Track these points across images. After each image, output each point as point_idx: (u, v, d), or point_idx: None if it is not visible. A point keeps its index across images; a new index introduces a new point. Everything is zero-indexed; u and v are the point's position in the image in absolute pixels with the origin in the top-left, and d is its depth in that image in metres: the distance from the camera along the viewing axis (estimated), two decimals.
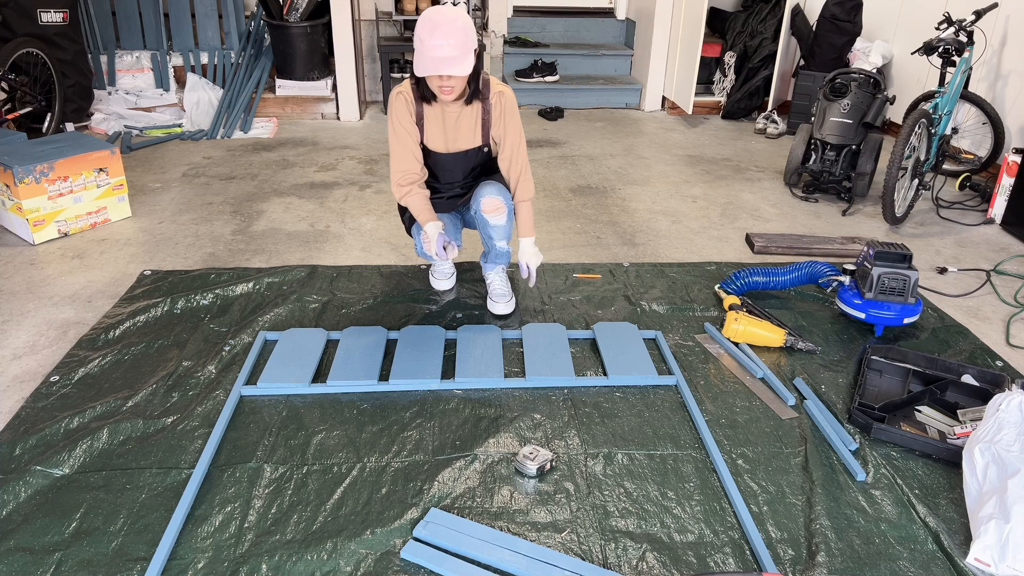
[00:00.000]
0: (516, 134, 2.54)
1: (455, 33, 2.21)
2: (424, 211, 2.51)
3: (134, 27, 5.18)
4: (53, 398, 2.21)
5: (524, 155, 2.58)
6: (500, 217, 2.57)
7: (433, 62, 2.23)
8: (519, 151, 2.56)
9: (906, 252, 2.65)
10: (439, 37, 2.20)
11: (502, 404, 2.27)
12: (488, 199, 2.54)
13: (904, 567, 1.75)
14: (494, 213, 2.56)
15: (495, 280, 2.80)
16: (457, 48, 2.22)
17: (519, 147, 2.56)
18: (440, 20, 2.22)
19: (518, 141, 2.55)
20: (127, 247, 3.24)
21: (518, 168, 2.58)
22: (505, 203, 2.57)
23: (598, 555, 1.75)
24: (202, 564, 1.68)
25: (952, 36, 3.73)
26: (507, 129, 2.52)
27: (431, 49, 2.22)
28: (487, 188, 2.56)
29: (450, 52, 2.22)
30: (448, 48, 2.21)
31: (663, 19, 5.48)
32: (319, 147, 4.69)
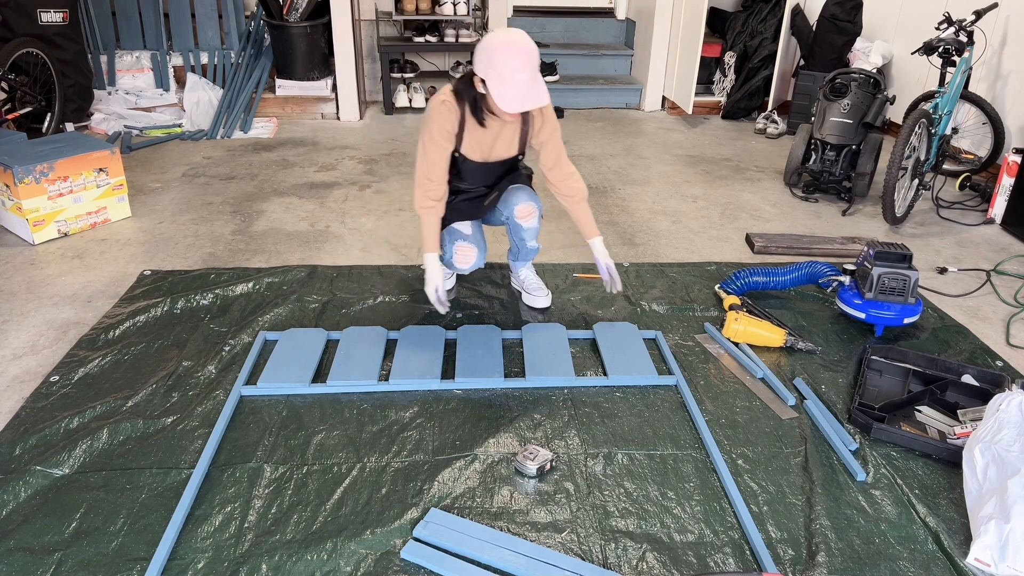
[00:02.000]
0: (558, 139, 2.52)
1: (533, 61, 2.17)
2: (433, 236, 2.49)
3: (134, 27, 5.18)
4: (53, 398, 2.21)
5: (567, 159, 2.55)
6: (533, 220, 2.60)
7: (521, 98, 2.18)
8: (563, 155, 2.54)
9: (906, 252, 2.65)
10: (522, 70, 2.15)
11: (502, 404, 2.27)
12: (522, 206, 2.55)
13: (904, 567, 1.75)
14: (527, 218, 2.58)
15: (529, 275, 2.82)
16: (535, 75, 2.19)
17: (563, 153, 2.54)
18: (519, 48, 2.15)
19: (559, 141, 2.52)
20: (127, 247, 3.24)
21: (567, 171, 2.54)
22: (536, 207, 2.59)
23: (598, 555, 1.75)
24: (202, 564, 1.68)
25: (952, 36, 3.73)
26: (551, 140, 2.51)
27: (517, 84, 2.16)
28: (518, 194, 2.55)
29: (534, 85, 2.18)
30: (531, 80, 2.17)
31: (663, 19, 5.48)
32: (319, 147, 4.69)
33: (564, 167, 2.54)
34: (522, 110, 2.21)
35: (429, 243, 2.48)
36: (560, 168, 2.54)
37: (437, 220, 2.49)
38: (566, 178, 2.55)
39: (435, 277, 2.47)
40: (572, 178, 2.56)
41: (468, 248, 2.55)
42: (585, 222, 2.60)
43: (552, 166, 2.54)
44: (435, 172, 2.42)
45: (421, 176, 2.44)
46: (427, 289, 2.49)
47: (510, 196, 2.56)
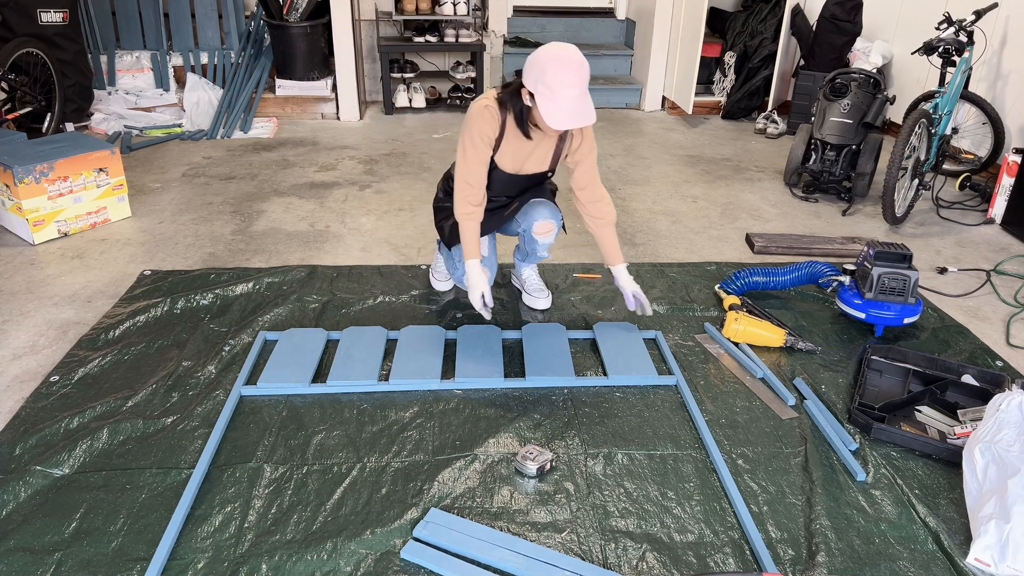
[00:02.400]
0: (594, 160, 2.48)
1: (584, 78, 2.13)
2: (473, 242, 2.41)
3: (134, 27, 5.18)
4: (53, 398, 2.21)
5: (599, 180, 2.51)
6: (550, 237, 2.61)
7: (570, 115, 2.13)
8: (596, 177, 2.49)
9: (906, 252, 2.65)
10: (573, 86, 2.10)
11: (502, 404, 2.27)
12: (541, 223, 2.55)
13: (904, 567, 1.75)
14: (545, 235, 2.58)
15: (531, 276, 2.82)
16: (585, 93, 2.15)
17: (596, 174, 2.50)
18: (571, 64, 2.11)
19: (594, 163, 2.48)
20: (127, 247, 3.24)
21: (598, 193, 2.50)
22: (556, 224, 2.59)
23: (598, 555, 1.75)
24: (202, 564, 1.68)
25: (952, 36, 3.73)
26: (587, 159, 2.46)
27: (567, 100, 2.11)
28: (540, 209, 2.55)
29: (583, 102, 2.14)
30: (580, 97, 2.13)
31: (663, 19, 5.48)
32: (319, 147, 4.69)
33: (596, 189, 2.50)
34: (570, 127, 2.16)
35: (471, 249, 2.42)
36: (592, 190, 2.49)
37: (477, 226, 2.42)
38: (597, 200, 2.50)
39: (479, 284, 2.42)
40: (602, 201, 2.51)
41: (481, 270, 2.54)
42: (610, 247, 2.55)
43: (584, 186, 2.49)
44: (474, 176, 2.37)
45: (461, 180, 2.38)
46: (472, 297, 2.43)
47: (531, 210, 2.56)
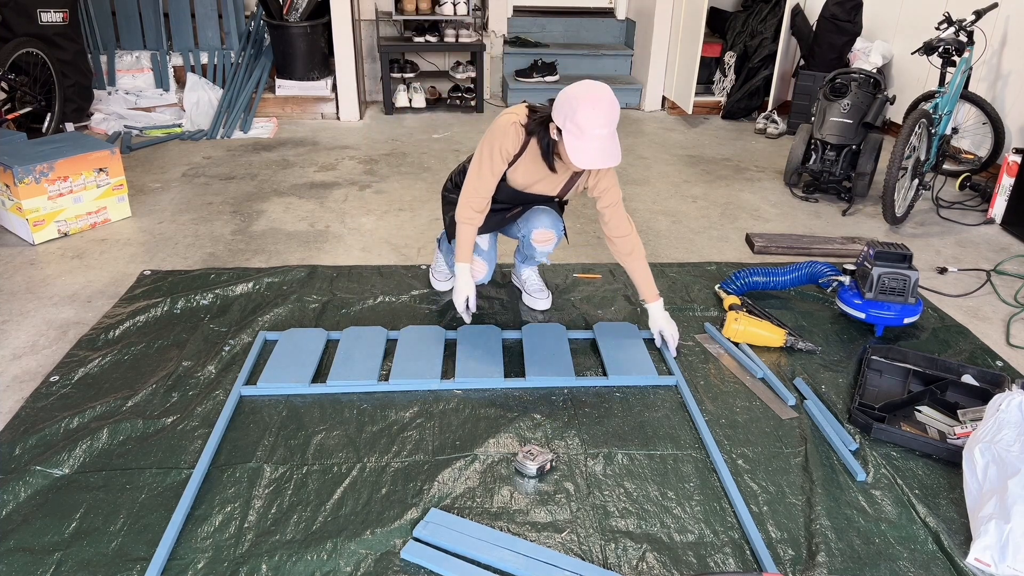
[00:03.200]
0: (616, 198, 2.42)
1: (613, 118, 2.09)
2: (468, 246, 2.44)
3: (134, 27, 5.18)
4: (53, 398, 2.21)
5: (626, 215, 2.45)
6: (548, 246, 2.60)
7: (597, 154, 2.10)
8: (619, 212, 2.43)
9: (906, 252, 2.65)
10: (602, 126, 2.07)
11: (502, 404, 2.27)
12: (541, 231, 2.55)
13: (904, 567, 1.75)
14: (544, 244, 2.58)
15: (531, 276, 2.82)
16: (613, 133, 2.11)
17: (619, 208, 2.43)
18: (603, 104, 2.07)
19: (619, 200, 2.43)
20: (127, 247, 3.24)
21: (621, 229, 2.44)
22: (556, 235, 2.58)
23: (598, 555, 1.75)
24: (202, 564, 1.68)
25: (952, 36, 3.73)
26: (607, 194, 2.41)
27: (594, 139, 2.09)
28: (541, 217, 2.55)
29: (611, 142, 2.11)
30: (608, 137, 2.10)
31: (663, 19, 5.48)
32: (319, 147, 4.69)
33: (621, 225, 2.44)
34: (596, 167, 2.12)
35: (464, 253, 2.45)
36: (617, 225, 2.44)
37: (475, 231, 2.44)
38: (623, 235, 2.45)
39: (466, 287, 2.45)
40: (629, 237, 2.45)
41: (480, 263, 2.56)
42: (643, 282, 2.50)
43: (608, 220, 2.44)
44: (484, 186, 2.37)
45: (470, 186, 2.39)
46: (456, 298, 2.46)
47: (532, 216, 2.56)
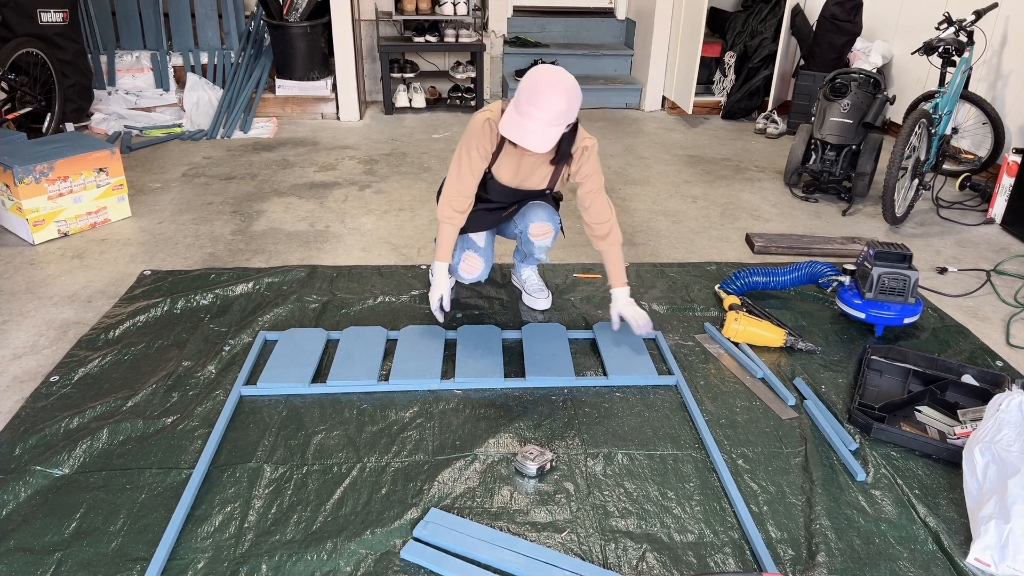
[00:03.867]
0: (597, 185, 2.44)
1: (554, 106, 2.10)
2: (448, 246, 2.47)
3: (134, 27, 5.18)
4: (53, 398, 2.21)
5: (606, 202, 2.46)
6: (547, 240, 2.58)
7: (520, 129, 2.13)
8: (599, 198, 2.44)
9: (906, 252, 2.65)
10: (536, 106, 2.09)
11: (502, 404, 2.27)
12: (537, 224, 2.54)
13: (904, 567, 1.75)
14: (541, 237, 2.57)
15: (531, 276, 2.81)
16: (549, 123, 2.12)
17: (599, 195, 2.44)
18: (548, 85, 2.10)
19: (599, 190, 2.44)
20: (127, 247, 3.24)
21: (601, 216, 2.45)
22: (553, 227, 2.57)
23: (598, 555, 1.75)
24: (202, 564, 1.68)
25: (952, 36, 3.73)
26: (588, 181, 2.42)
27: (527, 116, 2.12)
28: (537, 211, 2.54)
29: (539, 127, 2.12)
30: (538, 122, 2.11)
31: (663, 19, 5.48)
32: (319, 147, 4.69)
33: (600, 211, 2.45)
34: (514, 139, 2.15)
35: (443, 252, 2.47)
36: (595, 210, 2.45)
37: (456, 231, 2.47)
38: (601, 222, 2.46)
39: (442, 286, 2.48)
40: (607, 223, 2.46)
41: (476, 259, 2.56)
42: (613, 268, 2.50)
43: (587, 207, 2.46)
44: (464, 185, 2.40)
45: (450, 186, 2.42)
46: (432, 296, 2.49)
47: (528, 212, 2.56)
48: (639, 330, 2.49)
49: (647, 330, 2.50)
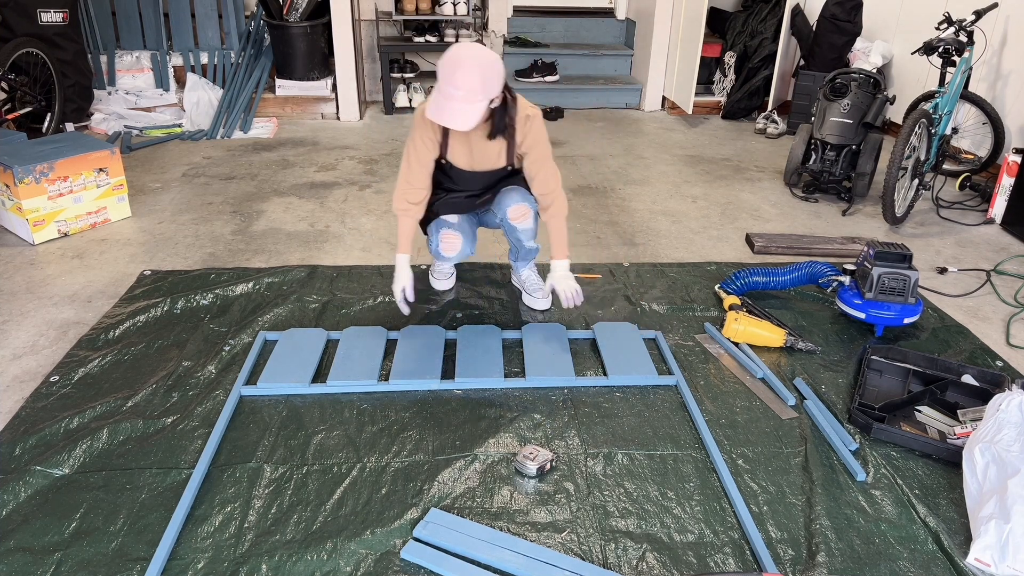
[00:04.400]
0: (542, 155, 2.45)
1: (468, 81, 2.12)
2: (406, 238, 2.52)
3: (134, 27, 5.18)
4: (53, 398, 2.21)
5: (552, 172, 2.47)
6: (527, 221, 2.58)
7: (440, 109, 2.17)
8: (544, 169, 2.46)
9: (906, 252, 2.65)
10: (451, 84, 2.12)
11: (502, 404, 2.27)
12: (514, 207, 2.53)
13: (904, 567, 1.75)
14: (521, 219, 2.56)
15: (530, 276, 2.82)
16: (467, 100, 2.15)
17: (544, 165, 2.45)
18: (459, 62, 2.13)
19: (543, 159, 2.45)
20: (127, 247, 3.24)
21: (545, 186, 2.47)
22: (530, 207, 2.56)
23: (598, 555, 1.75)
24: (202, 564, 1.68)
25: (952, 36, 3.73)
26: (533, 151, 2.44)
27: (445, 95, 2.15)
28: (511, 195, 2.54)
29: (458, 104, 2.15)
30: (457, 99, 2.14)
31: (663, 19, 5.48)
32: (319, 147, 4.69)
33: (545, 181, 2.47)
34: (437, 121, 2.18)
35: (402, 244, 2.52)
36: (540, 181, 2.47)
37: (413, 223, 2.52)
38: (545, 192, 2.48)
39: (402, 278, 2.51)
40: (552, 194, 2.48)
41: (453, 235, 2.58)
42: (556, 240, 2.52)
43: (533, 177, 2.48)
44: (416, 177, 2.46)
45: (402, 179, 2.48)
46: (394, 287, 2.52)
47: (503, 197, 2.55)
48: (567, 303, 2.52)
49: (574, 303, 2.52)
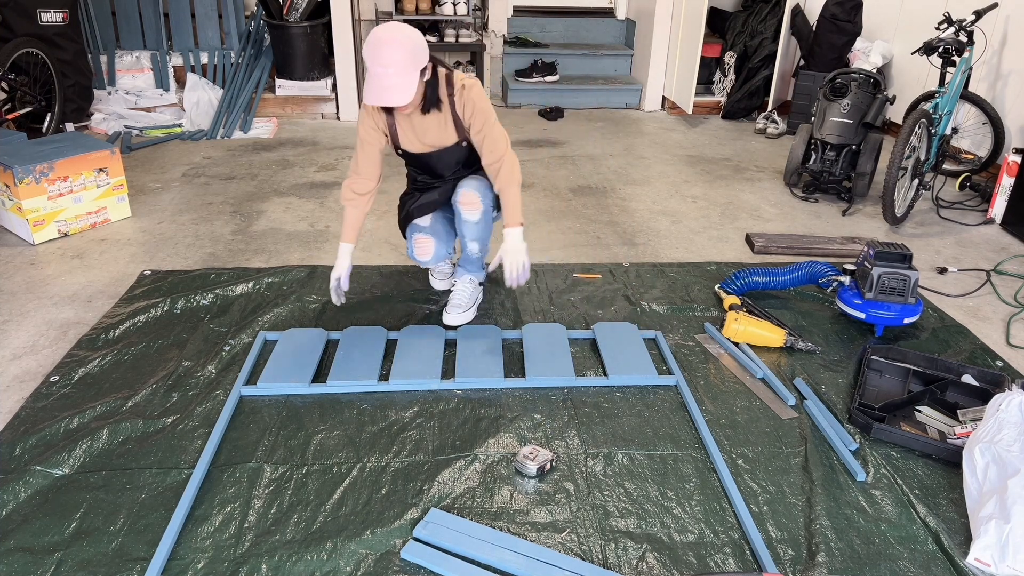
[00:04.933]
0: (485, 122, 2.40)
1: (394, 58, 2.13)
2: (350, 227, 2.53)
3: (134, 27, 5.18)
4: (53, 398, 2.21)
5: (497, 137, 2.41)
6: (474, 213, 2.51)
7: (376, 91, 2.17)
8: (489, 135, 2.40)
9: (906, 252, 2.65)
10: (380, 64, 2.14)
11: (502, 404, 2.27)
12: (465, 191, 2.50)
13: (904, 567, 1.75)
14: (469, 207, 2.51)
15: (458, 286, 2.70)
16: (399, 74, 2.15)
17: (489, 132, 2.40)
18: (377, 43, 2.14)
19: (488, 126, 2.40)
20: (127, 247, 3.24)
21: (493, 154, 2.41)
22: (482, 200, 2.50)
23: (598, 555, 1.75)
24: (202, 564, 1.68)
25: (952, 36, 3.73)
26: (475, 119, 2.40)
27: (376, 76, 2.15)
28: (467, 183, 2.53)
29: (391, 80, 2.15)
30: (389, 76, 2.15)
31: (663, 19, 5.48)
32: (319, 147, 4.69)
33: (492, 149, 2.41)
34: (376, 104, 2.18)
35: (345, 233, 2.54)
36: (487, 150, 2.42)
37: (359, 214, 2.53)
38: (493, 161, 2.42)
39: (339, 268, 2.53)
40: (500, 162, 2.41)
41: (424, 239, 2.58)
42: (508, 208, 2.43)
43: (480, 148, 2.44)
44: (363, 167, 2.50)
45: (351, 170, 2.53)
46: (331, 276, 2.54)
47: (459, 186, 2.54)
48: (510, 280, 2.40)
49: (519, 281, 2.40)
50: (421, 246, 2.59)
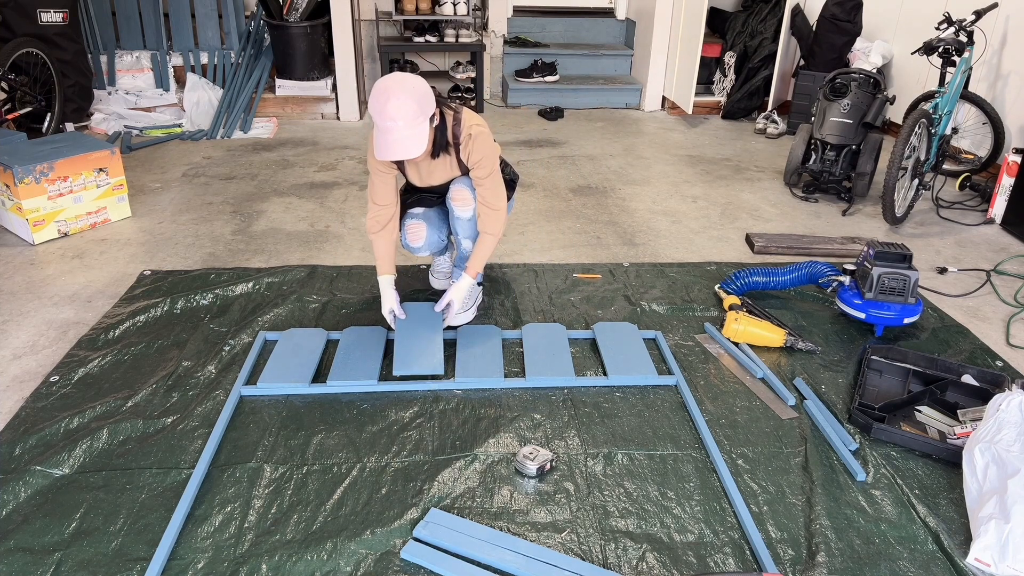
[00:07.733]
0: (487, 173, 2.42)
1: (402, 111, 2.11)
2: (384, 259, 2.52)
3: (134, 27, 5.18)
4: (53, 398, 2.21)
5: (492, 189, 2.43)
6: (466, 210, 2.53)
7: (386, 146, 2.15)
8: (483, 184, 2.42)
9: (906, 252, 2.65)
10: (388, 118, 2.11)
11: (502, 404, 2.27)
12: (457, 188, 2.51)
13: (904, 567, 1.75)
14: (461, 203, 2.52)
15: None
16: (408, 126, 2.14)
17: (485, 182, 2.42)
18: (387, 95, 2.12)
19: (489, 178, 2.42)
20: (127, 247, 3.24)
21: (483, 200, 2.44)
22: (473, 197, 2.51)
23: (598, 555, 1.75)
24: (202, 564, 1.68)
25: (952, 36, 3.73)
26: (477, 168, 2.41)
27: (385, 131, 2.14)
28: (461, 179, 2.54)
29: (401, 133, 2.14)
30: (399, 129, 2.13)
31: (663, 19, 5.48)
32: (319, 147, 4.69)
33: (484, 196, 2.44)
34: (387, 158, 2.17)
35: (381, 266, 2.53)
36: (481, 194, 2.44)
37: (388, 244, 2.52)
38: (482, 209, 2.45)
39: (388, 299, 2.51)
40: (486, 209, 2.45)
41: (416, 224, 2.59)
42: (474, 256, 2.49)
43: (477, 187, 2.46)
44: (380, 197, 2.48)
45: (370, 201, 2.50)
46: (383, 310, 2.52)
47: (453, 183, 2.54)
48: (446, 315, 2.52)
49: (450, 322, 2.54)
50: (413, 232, 2.60)
